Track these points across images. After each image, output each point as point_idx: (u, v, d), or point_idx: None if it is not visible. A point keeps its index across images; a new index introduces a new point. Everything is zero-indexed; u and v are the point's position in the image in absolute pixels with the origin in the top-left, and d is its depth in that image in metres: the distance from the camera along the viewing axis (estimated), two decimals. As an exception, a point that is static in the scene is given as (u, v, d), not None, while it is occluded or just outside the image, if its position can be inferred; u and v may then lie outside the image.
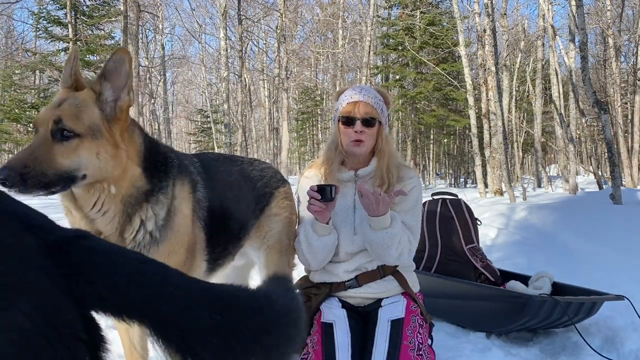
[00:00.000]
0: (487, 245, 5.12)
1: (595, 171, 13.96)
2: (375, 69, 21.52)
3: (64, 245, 0.69)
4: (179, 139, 42.90)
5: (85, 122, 1.36)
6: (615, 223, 5.26)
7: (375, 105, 2.02)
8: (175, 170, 1.60)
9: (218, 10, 15.54)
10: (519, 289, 2.80)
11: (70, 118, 1.34)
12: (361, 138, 1.99)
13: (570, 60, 12.10)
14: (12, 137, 19.45)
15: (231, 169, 2.00)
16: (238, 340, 0.68)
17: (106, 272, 0.69)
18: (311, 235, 1.95)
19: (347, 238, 2.02)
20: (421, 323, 1.98)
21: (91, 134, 1.36)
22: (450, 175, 26.48)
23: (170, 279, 0.72)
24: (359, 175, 2.06)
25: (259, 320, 0.71)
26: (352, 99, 2.02)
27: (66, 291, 0.66)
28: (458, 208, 3.26)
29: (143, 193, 1.49)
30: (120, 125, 1.44)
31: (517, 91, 20.78)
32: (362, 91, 2.05)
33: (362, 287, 2.03)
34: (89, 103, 1.40)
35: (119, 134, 1.43)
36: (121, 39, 10.88)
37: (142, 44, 24.57)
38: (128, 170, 1.45)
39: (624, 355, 2.34)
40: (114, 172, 1.41)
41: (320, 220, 1.92)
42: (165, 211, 1.53)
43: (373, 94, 2.05)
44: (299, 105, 31.31)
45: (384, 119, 2.06)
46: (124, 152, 1.44)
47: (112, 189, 1.43)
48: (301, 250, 2.01)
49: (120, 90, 1.44)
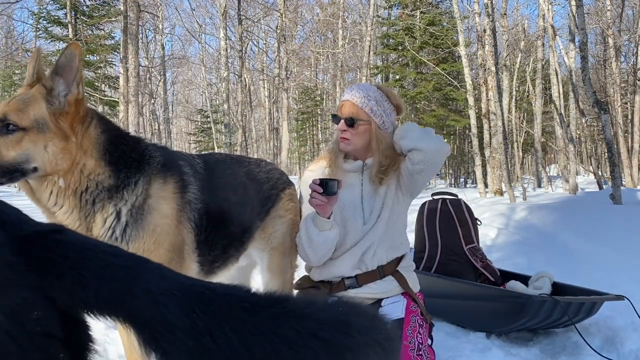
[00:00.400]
0: (487, 245, 5.12)
1: (595, 171, 13.96)
2: (375, 69, 21.52)
3: (37, 240, 0.67)
4: (179, 139, 42.89)
5: (30, 116, 1.38)
6: (615, 223, 5.26)
7: (362, 105, 1.99)
8: (154, 167, 1.57)
9: (218, 10, 15.56)
10: (519, 289, 2.80)
11: (15, 112, 1.37)
12: (346, 136, 2.01)
13: (570, 60, 12.10)
14: (12, 137, 19.42)
15: (238, 171, 2.00)
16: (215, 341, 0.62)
17: (74, 266, 0.66)
18: (312, 229, 1.93)
19: (357, 228, 2.02)
20: (421, 323, 1.98)
21: (37, 127, 1.38)
22: (450, 175, 26.48)
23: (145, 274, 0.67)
24: (367, 164, 2.06)
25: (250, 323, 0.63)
26: (344, 97, 2.07)
27: (37, 287, 0.63)
28: (458, 208, 3.26)
29: (105, 188, 1.48)
30: (69, 117, 1.44)
31: (517, 91, 20.79)
32: (352, 90, 2.05)
33: (362, 288, 2.03)
34: (36, 98, 1.42)
35: (68, 127, 1.43)
36: (121, 39, 10.87)
37: (142, 44, 24.57)
38: (79, 162, 1.44)
39: (624, 355, 2.34)
40: (63, 164, 1.42)
41: (321, 214, 1.90)
42: (130, 208, 1.50)
43: (364, 94, 2.01)
44: (299, 105, 31.29)
45: (379, 118, 2.01)
46: (75, 144, 1.43)
47: (61, 182, 1.43)
48: (302, 245, 1.99)
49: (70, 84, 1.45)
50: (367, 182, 2.05)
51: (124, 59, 10.54)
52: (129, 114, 9.89)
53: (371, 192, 2.04)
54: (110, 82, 18.58)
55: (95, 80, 17.62)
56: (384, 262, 2.04)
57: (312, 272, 2.13)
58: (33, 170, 1.39)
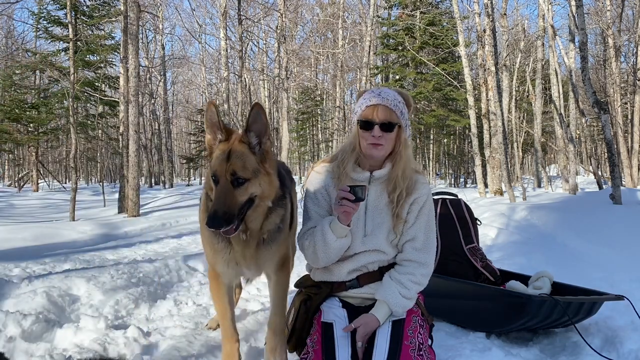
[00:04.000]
0: (487, 245, 5.12)
1: (595, 171, 13.94)
2: (375, 69, 21.52)
3: None
4: (179, 139, 42.88)
5: (250, 169, 1.87)
6: (615, 223, 5.27)
7: (395, 108, 1.97)
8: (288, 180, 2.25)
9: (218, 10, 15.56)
10: (519, 289, 2.79)
11: (241, 170, 1.85)
12: (380, 142, 1.96)
13: (570, 60, 12.10)
14: (12, 137, 19.40)
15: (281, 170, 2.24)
16: None
17: None
18: (330, 235, 1.90)
19: (358, 239, 2.00)
20: (422, 323, 1.98)
21: (254, 175, 1.88)
22: (450, 175, 26.48)
23: None
24: (375, 176, 2.02)
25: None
26: (371, 102, 1.97)
27: None
28: (458, 208, 3.26)
29: (277, 198, 2.02)
30: (268, 159, 1.94)
31: (517, 91, 20.78)
32: (381, 94, 1.98)
33: (363, 288, 2.03)
34: (248, 154, 1.89)
35: (269, 166, 1.94)
36: (121, 39, 10.86)
37: (142, 44, 24.56)
38: (275, 186, 1.99)
39: (624, 355, 2.34)
40: (271, 192, 1.96)
41: (343, 221, 1.89)
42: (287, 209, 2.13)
43: (393, 96, 1.98)
44: (299, 105, 31.28)
45: (405, 122, 2.01)
46: (273, 175, 1.96)
47: (269, 203, 1.97)
48: (313, 248, 1.96)
49: (262, 136, 1.91)
50: (373, 194, 2.02)
51: (124, 59, 10.53)
52: (129, 114, 9.88)
53: (375, 206, 2.02)
54: (111, 82, 18.57)
55: (95, 80, 17.62)
56: (385, 264, 2.05)
57: (313, 273, 2.14)
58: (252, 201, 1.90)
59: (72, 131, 10.53)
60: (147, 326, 2.84)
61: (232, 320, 2.19)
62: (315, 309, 2.05)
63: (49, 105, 18.79)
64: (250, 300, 3.42)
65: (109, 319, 2.83)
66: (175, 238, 6.48)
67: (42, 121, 18.65)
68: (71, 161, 10.32)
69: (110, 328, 2.69)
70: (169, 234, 6.86)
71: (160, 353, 2.44)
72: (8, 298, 3.02)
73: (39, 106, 18.82)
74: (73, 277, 3.43)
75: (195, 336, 2.66)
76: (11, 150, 23.56)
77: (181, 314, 3.11)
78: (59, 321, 2.76)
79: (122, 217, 9.56)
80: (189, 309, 3.21)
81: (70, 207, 9.37)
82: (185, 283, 3.94)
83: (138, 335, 2.56)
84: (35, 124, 19.03)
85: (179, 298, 3.44)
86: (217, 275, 2.15)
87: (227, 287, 2.19)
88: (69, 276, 3.47)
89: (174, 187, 24.13)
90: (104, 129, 20.74)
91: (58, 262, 4.37)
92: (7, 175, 31.42)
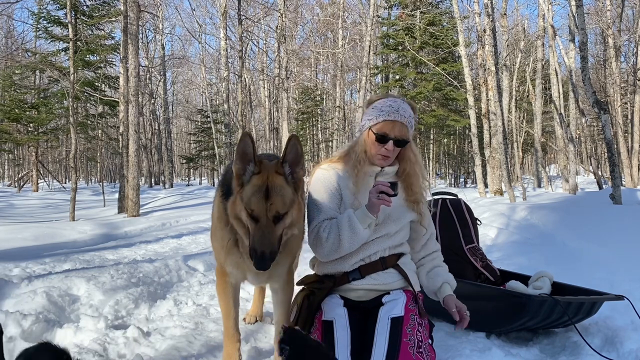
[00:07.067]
0: (487, 245, 5.12)
1: (595, 171, 13.94)
2: (375, 69, 21.52)
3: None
4: (179, 139, 42.90)
5: (287, 203, 1.89)
6: (615, 223, 5.27)
7: (409, 124, 2.09)
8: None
9: (218, 10, 15.57)
10: (519, 288, 2.79)
11: (281, 206, 1.87)
12: (389, 155, 2.09)
13: (570, 60, 12.11)
14: (12, 137, 19.42)
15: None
16: None
17: None
18: (358, 225, 1.98)
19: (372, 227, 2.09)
20: (420, 322, 1.99)
21: (290, 206, 1.90)
22: (450, 175, 26.51)
23: None
24: (385, 171, 2.14)
25: None
26: (390, 117, 2.06)
27: None
28: (458, 208, 3.25)
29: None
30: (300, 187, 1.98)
31: (517, 91, 20.79)
32: (399, 110, 2.07)
33: (365, 279, 2.07)
34: (284, 185, 1.91)
35: (300, 194, 1.98)
36: (121, 39, 10.87)
37: (142, 44, 24.57)
38: (303, 212, 2.06)
39: (624, 355, 2.34)
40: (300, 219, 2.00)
41: (374, 212, 1.98)
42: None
43: (408, 112, 2.10)
44: (299, 105, 31.25)
45: (412, 132, 2.14)
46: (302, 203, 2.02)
47: (295, 231, 1.98)
48: (335, 237, 2.01)
49: (295, 166, 1.95)
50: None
51: (124, 59, 10.54)
52: (129, 114, 9.88)
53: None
54: (110, 82, 18.57)
55: (95, 80, 17.62)
56: (386, 254, 2.11)
57: (318, 267, 2.18)
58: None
59: (72, 131, 10.54)
60: (147, 326, 2.84)
61: (235, 320, 2.19)
62: (317, 306, 2.07)
63: (49, 105, 18.80)
64: (250, 300, 3.42)
65: (109, 319, 2.83)
66: (175, 238, 6.49)
67: (42, 121, 18.66)
68: (71, 161, 10.33)
69: (110, 328, 2.69)
70: (169, 234, 6.86)
71: (160, 353, 2.43)
72: (8, 298, 3.02)
73: (39, 106, 18.83)
74: (73, 277, 3.43)
75: (195, 336, 2.66)
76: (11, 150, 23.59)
77: (181, 314, 3.11)
78: (59, 321, 2.76)
79: (122, 217, 9.57)
80: (189, 309, 3.20)
81: (70, 207, 9.38)
82: (185, 283, 3.94)
83: (138, 335, 2.56)
84: (35, 124, 19.04)
85: (179, 298, 3.44)
86: (224, 274, 2.16)
87: (234, 286, 2.20)
88: (69, 276, 3.47)
89: (174, 187, 24.17)
90: (104, 129, 20.73)
91: (58, 262, 4.37)
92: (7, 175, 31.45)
